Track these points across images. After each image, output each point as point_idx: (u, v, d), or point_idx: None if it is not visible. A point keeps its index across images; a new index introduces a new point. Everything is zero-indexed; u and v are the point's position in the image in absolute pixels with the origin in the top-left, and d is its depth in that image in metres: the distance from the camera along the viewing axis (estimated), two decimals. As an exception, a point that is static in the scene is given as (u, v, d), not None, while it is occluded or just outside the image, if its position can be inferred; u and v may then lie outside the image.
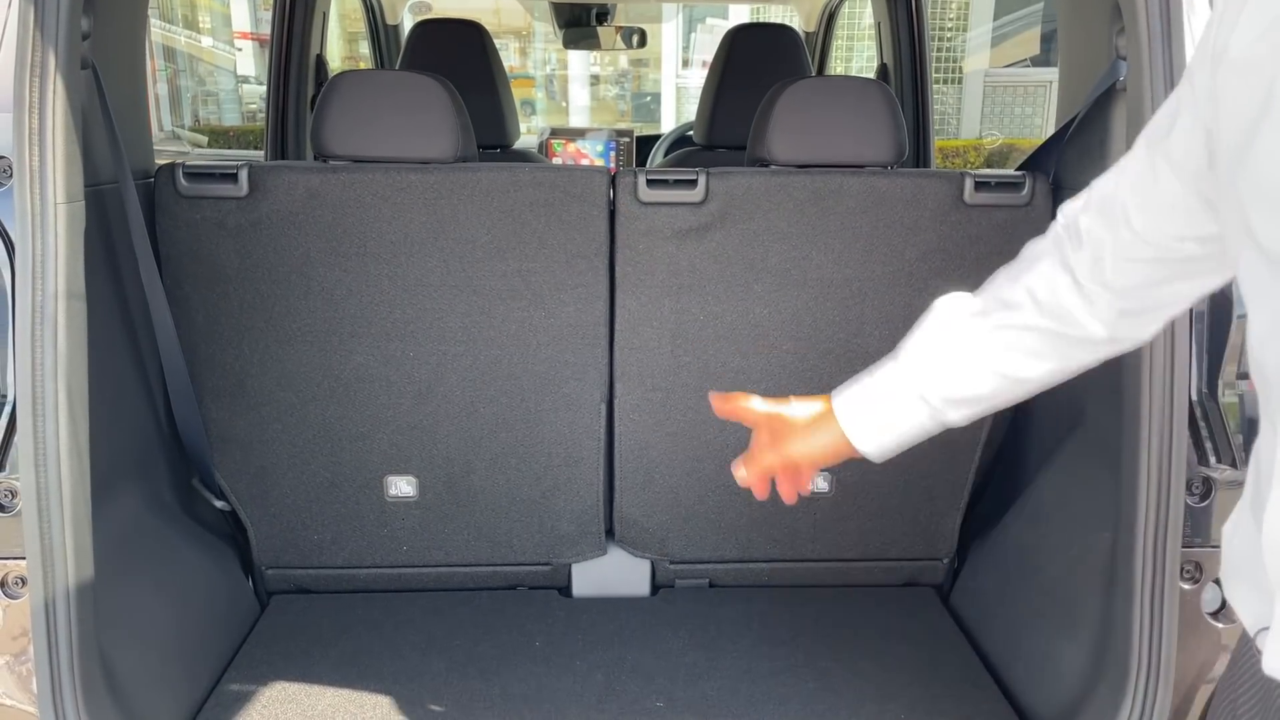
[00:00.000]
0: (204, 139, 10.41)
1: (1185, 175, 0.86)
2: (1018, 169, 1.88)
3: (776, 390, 1.92)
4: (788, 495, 1.21)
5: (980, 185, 1.81)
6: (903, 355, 1.13)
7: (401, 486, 1.95)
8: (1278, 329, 0.75)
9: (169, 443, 1.87)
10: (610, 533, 2.06)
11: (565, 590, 2.10)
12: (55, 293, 1.35)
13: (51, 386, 1.35)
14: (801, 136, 1.83)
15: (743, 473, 1.22)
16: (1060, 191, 1.83)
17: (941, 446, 1.95)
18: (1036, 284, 1.04)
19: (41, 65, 1.34)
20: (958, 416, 1.11)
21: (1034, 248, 1.09)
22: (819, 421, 1.19)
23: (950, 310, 1.12)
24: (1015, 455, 2.03)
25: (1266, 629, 0.78)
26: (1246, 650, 0.91)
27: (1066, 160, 1.81)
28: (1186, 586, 1.48)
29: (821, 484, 2.00)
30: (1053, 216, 1.82)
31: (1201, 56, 0.82)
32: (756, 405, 1.22)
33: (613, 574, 2.08)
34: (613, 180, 1.83)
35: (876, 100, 1.85)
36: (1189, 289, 0.96)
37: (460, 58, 2.90)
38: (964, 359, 1.08)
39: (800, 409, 1.21)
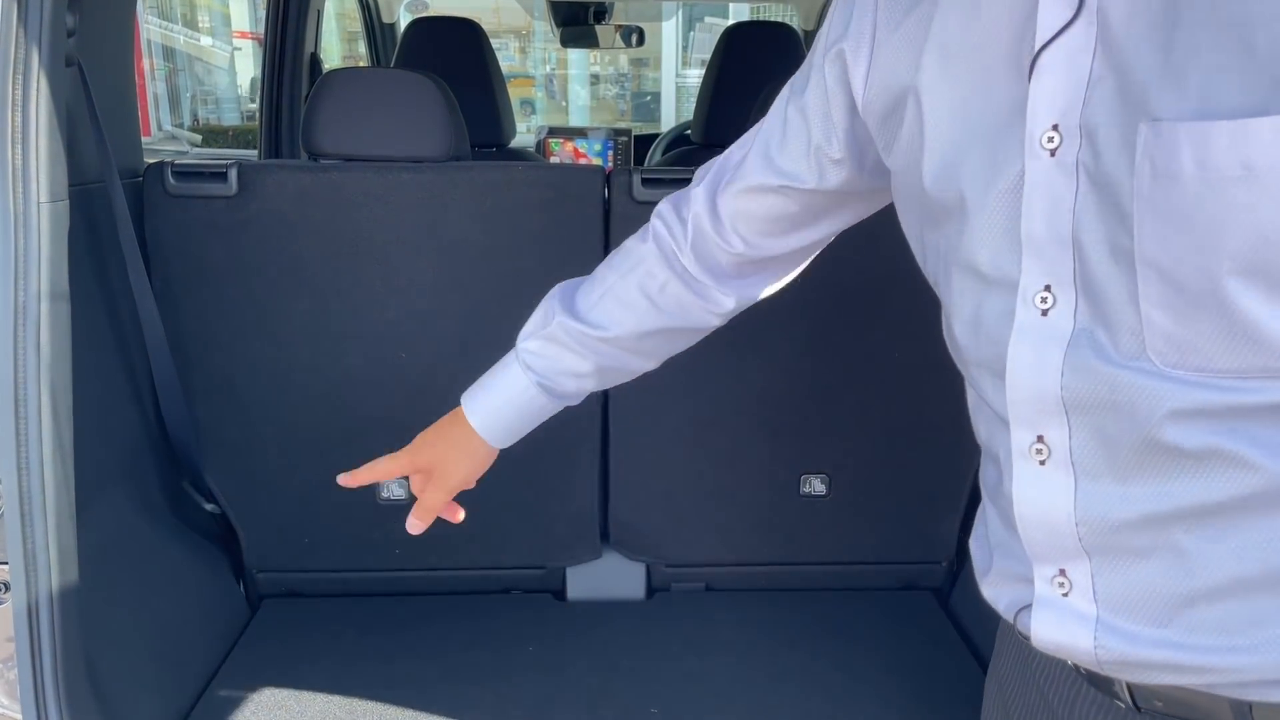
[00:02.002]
0: (202, 139, 10.39)
1: (817, 127, 0.96)
2: None
3: (771, 392, 1.90)
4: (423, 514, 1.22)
5: None
6: (520, 352, 1.17)
7: (393, 489, 1.93)
8: (967, 315, 0.81)
9: (158, 445, 1.85)
10: (605, 536, 2.04)
11: (560, 594, 2.08)
12: (38, 293, 1.33)
13: (34, 389, 1.33)
14: None
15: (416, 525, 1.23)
16: None
17: (940, 448, 1.94)
18: (648, 283, 1.13)
19: (25, 62, 1.32)
20: (572, 388, 1.17)
21: (636, 249, 1.16)
22: (448, 425, 1.23)
23: (564, 293, 1.19)
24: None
25: (1027, 607, 0.80)
26: (1007, 643, 0.97)
27: None
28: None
29: (819, 486, 1.98)
30: None
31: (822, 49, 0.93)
32: (386, 462, 1.24)
33: (607, 578, 2.06)
34: (608, 179, 1.81)
35: None
36: (808, 233, 1.10)
37: (455, 56, 2.88)
38: (573, 334, 1.13)
39: (428, 434, 1.25)
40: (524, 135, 4.64)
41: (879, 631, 1.94)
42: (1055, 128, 0.69)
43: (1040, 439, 0.75)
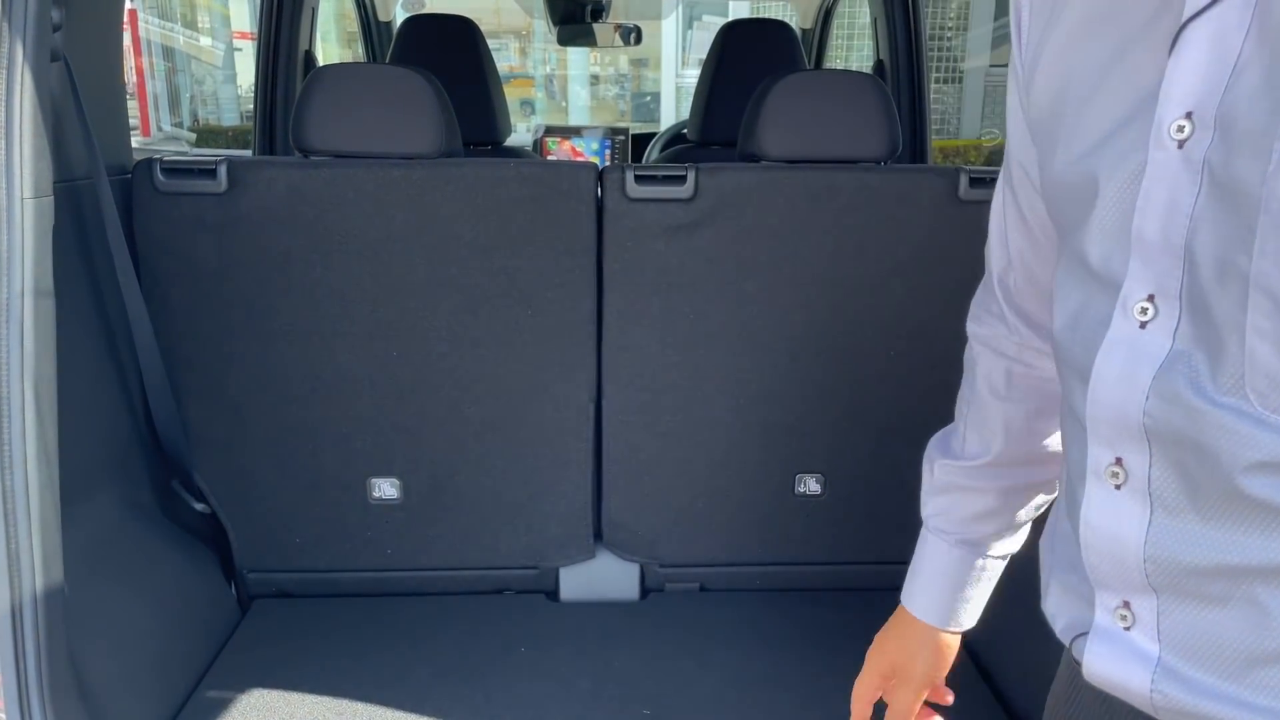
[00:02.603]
0: (201, 138, 10.39)
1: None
2: None
3: (766, 391, 1.89)
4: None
5: (975, 181, 1.77)
6: (927, 520, 1.11)
7: (385, 489, 1.92)
8: (1069, 311, 0.74)
9: (147, 444, 1.83)
10: (599, 536, 2.03)
11: (553, 594, 2.07)
12: (21, 290, 1.32)
13: (18, 387, 1.32)
14: (793, 131, 1.80)
15: None
16: None
17: None
18: (995, 385, 1.03)
19: (9, 57, 1.30)
20: (990, 531, 1.07)
21: (970, 378, 1.09)
22: (895, 625, 1.17)
23: (936, 445, 1.13)
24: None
25: (1084, 634, 0.75)
26: (1066, 663, 0.89)
27: None
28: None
29: (814, 486, 1.96)
30: None
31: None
32: (858, 688, 1.19)
33: (601, 578, 2.05)
34: (601, 176, 1.80)
35: (868, 94, 1.82)
36: None
37: (450, 53, 2.86)
38: (957, 472, 1.07)
39: (881, 640, 1.19)
40: (524, 135, 4.63)
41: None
42: (1188, 116, 0.62)
43: (1119, 461, 0.69)
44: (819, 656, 1.83)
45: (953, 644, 1.12)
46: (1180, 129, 0.62)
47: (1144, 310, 0.65)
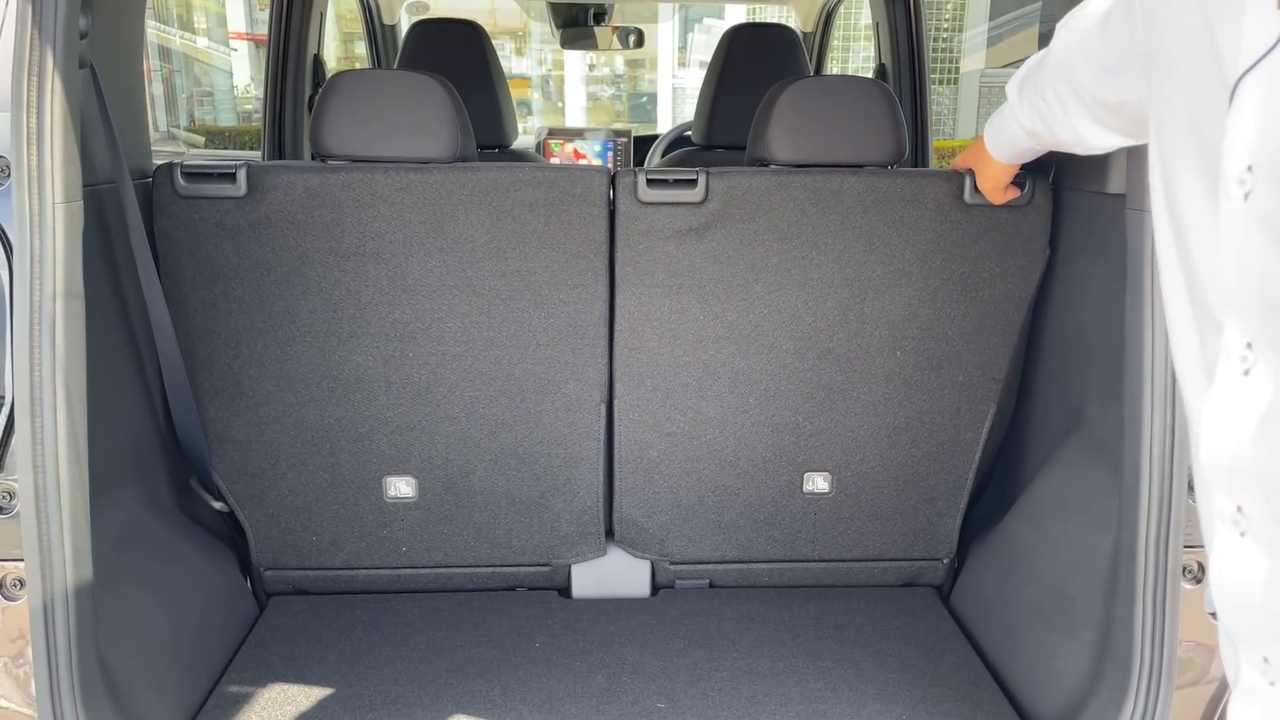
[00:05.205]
0: (200, 139, 10.39)
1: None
2: (1024, 168, 1.86)
3: (775, 391, 1.92)
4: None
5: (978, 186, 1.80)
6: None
7: (400, 487, 1.95)
8: (1174, 342, 0.73)
9: (167, 443, 1.86)
10: (610, 533, 2.06)
11: (565, 591, 2.10)
12: (53, 293, 1.35)
13: (50, 387, 1.35)
14: (801, 136, 1.83)
15: None
16: (1061, 191, 1.83)
17: (941, 447, 1.97)
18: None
19: (40, 64, 1.33)
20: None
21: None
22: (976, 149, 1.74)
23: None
24: (1015, 455, 2.03)
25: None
26: None
27: (1065, 160, 1.81)
28: (1189, 586, 1.48)
29: (822, 485, 1.99)
30: (1053, 216, 1.84)
31: None
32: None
33: (612, 575, 2.08)
34: (612, 180, 1.83)
35: (876, 99, 1.85)
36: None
37: (458, 57, 2.89)
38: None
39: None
40: (522, 136, 4.65)
41: (881, 628, 1.96)
42: (1250, 169, 0.60)
43: (1240, 509, 0.66)
44: (827, 652, 1.86)
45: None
46: (1242, 181, 0.61)
47: (1244, 359, 0.63)
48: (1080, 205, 1.78)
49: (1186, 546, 1.46)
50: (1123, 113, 1.17)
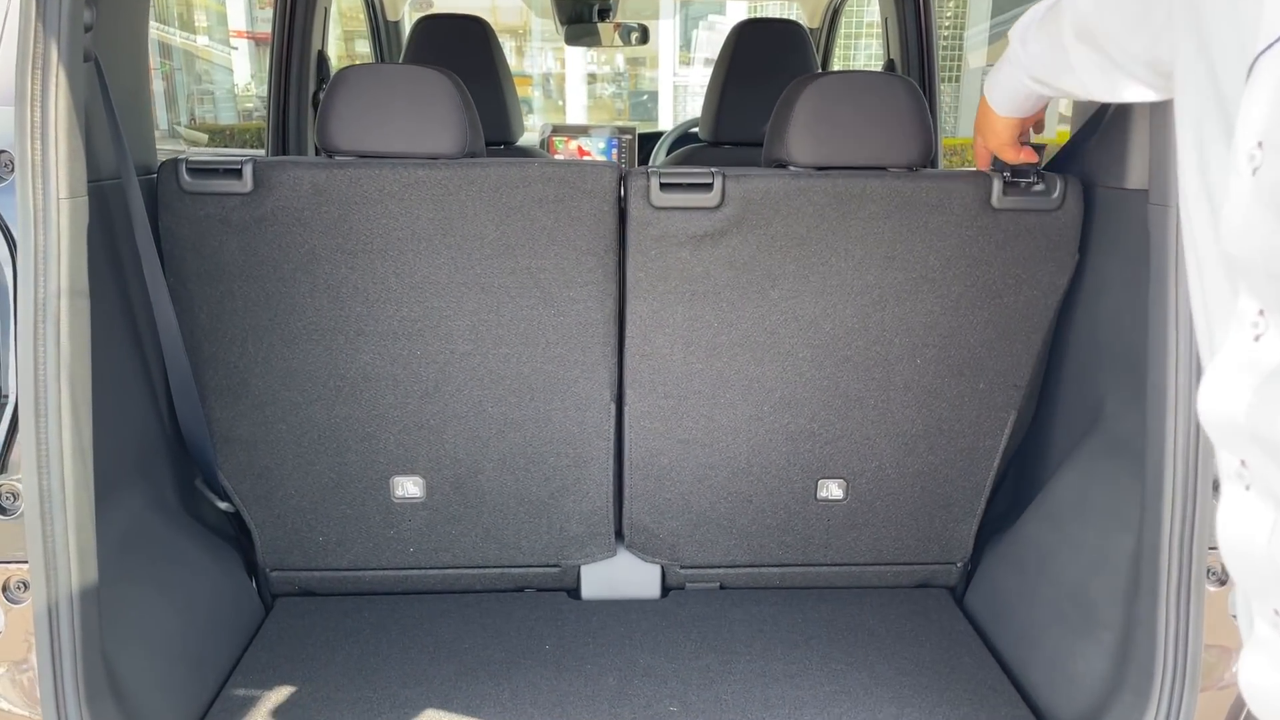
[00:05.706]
0: (203, 137, 10.37)
1: None
2: (1044, 168, 1.79)
3: (790, 398, 1.88)
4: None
5: (1009, 186, 1.75)
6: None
7: (408, 487, 1.92)
8: (1194, 300, 0.75)
9: (172, 443, 1.84)
10: (620, 534, 2.03)
11: (574, 592, 2.07)
12: (58, 290, 1.32)
13: (54, 386, 1.32)
14: (823, 136, 1.77)
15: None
16: (1092, 191, 1.77)
17: (959, 454, 1.93)
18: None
19: (44, 58, 1.31)
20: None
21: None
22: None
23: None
24: (1033, 457, 2.00)
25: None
26: None
27: (1096, 159, 1.76)
28: (1213, 589, 1.45)
29: (836, 491, 1.96)
30: (1084, 219, 1.79)
31: None
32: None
33: (622, 576, 2.05)
34: (624, 179, 1.79)
35: (903, 98, 1.78)
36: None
37: (463, 53, 2.87)
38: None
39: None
40: (525, 134, 4.62)
41: (895, 630, 1.93)
42: (1260, 145, 0.62)
43: (1243, 463, 0.68)
44: (841, 654, 1.84)
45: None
46: (1252, 157, 0.63)
47: (1255, 325, 0.66)
48: (1100, 201, 1.75)
49: (1210, 547, 1.43)
50: (1157, 67, 1.13)
